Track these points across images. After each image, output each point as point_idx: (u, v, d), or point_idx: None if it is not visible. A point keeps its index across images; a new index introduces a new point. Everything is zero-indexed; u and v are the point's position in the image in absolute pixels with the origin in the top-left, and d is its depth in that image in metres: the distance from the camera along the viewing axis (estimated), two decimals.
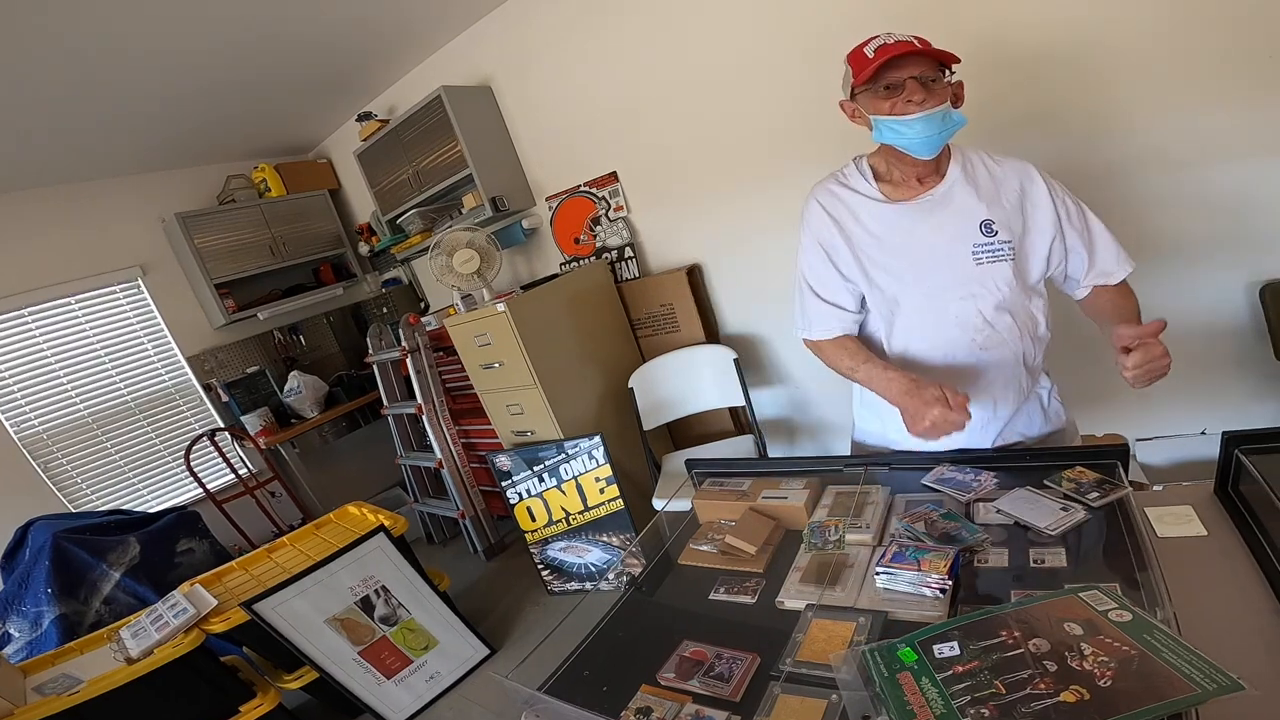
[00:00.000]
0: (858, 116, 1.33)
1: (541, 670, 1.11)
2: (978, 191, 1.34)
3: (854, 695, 0.83)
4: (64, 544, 2.62)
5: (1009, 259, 1.32)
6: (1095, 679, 0.70)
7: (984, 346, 1.37)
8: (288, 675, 2.37)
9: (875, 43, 1.24)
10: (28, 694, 1.96)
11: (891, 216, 1.37)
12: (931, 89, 1.23)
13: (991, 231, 1.32)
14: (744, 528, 1.32)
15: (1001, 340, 1.37)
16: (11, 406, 3.47)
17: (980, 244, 1.32)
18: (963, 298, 1.34)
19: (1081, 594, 0.84)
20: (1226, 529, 1.04)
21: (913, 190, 1.36)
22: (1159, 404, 2.29)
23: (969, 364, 1.38)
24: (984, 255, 1.32)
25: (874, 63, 1.21)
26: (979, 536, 1.09)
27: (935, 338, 1.39)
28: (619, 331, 3.25)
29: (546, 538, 2.89)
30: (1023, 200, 1.35)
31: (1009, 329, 1.36)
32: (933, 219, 1.34)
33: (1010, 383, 1.41)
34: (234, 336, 4.28)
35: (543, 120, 3.40)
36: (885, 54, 1.20)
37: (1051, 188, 1.36)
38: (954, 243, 1.33)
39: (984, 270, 1.33)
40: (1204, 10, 1.85)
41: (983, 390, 1.40)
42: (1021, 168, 1.37)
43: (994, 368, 1.38)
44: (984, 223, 1.32)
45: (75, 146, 3.31)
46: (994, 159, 1.39)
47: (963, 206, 1.33)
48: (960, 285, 1.34)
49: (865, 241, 1.39)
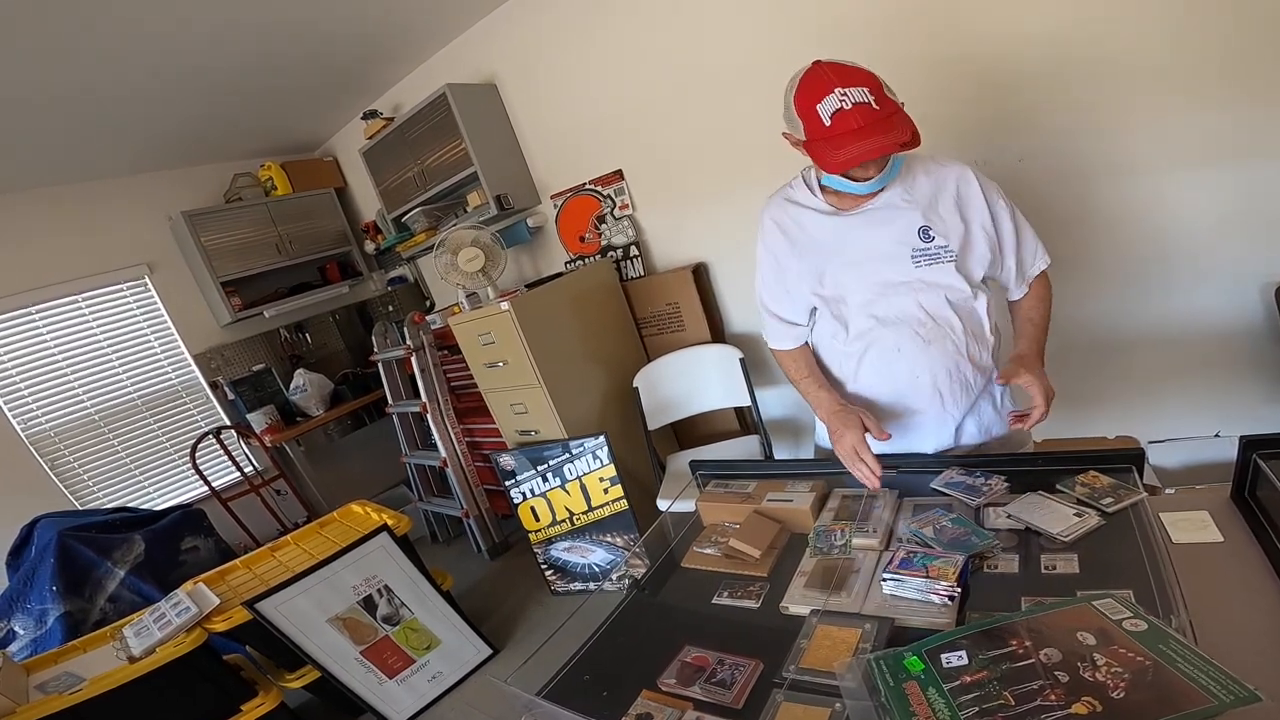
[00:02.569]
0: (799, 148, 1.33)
1: (543, 672, 1.10)
2: (916, 200, 1.39)
3: (858, 705, 0.81)
4: (69, 542, 2.63)
5: (948, 261, 1.37)
6: (1108, 690, 0.68)
7: (928, 339, 1.41)
8: (290, 674, 2.36)
9: (830, 104, 1.19)
10: (30, 692, 1.96)
11: (837, 226, 1.43)
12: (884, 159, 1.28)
13: (929, 237, 1.37)
14: (748, 531, 1.31)
15: (944, 333, 1.41)
16: (19, 404, 3.48)
17: (919, 249, 1.38)
18: (905, 298, 1.40)
19: (1095, 602, 0.82)
20: (1243, 535, 1.02)
21: (856, 201, 1.41)
22: (1171, 406, 2.26)
23: (919, 357, 1.43)
24: (922, 259, 1.38)
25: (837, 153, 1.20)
26: (990, 542, 1.07)
27: (884, 334, 1.44)
28: (624, 330, 3.24)
29: (550, 538, 2.88)
30: (959, 202, 1.40)
31: (950, 323, 1.41)
32: (873, 228, 1.40)
33: (956, 377, 1.44)
34: (240, 334, 4.29)
35: (548, 118, 3.39)
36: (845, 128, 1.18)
37: (985, 189, 1.41)
38: (895, 247, 1.38)
39: (925, 273, 1.38)
40: (1213, 10, 1.82)
41: (929, 383, 1.44)
42: (959, 171, 1.42)
43: (939, 360, 1.42)
44: (921, 229, 1.37)
45: (83, 146, 3.33)
46: (935, 163, 1.43)
47: (901, 215, 1.38)
48: (902, 284, 1.39)
49: (813, 249, 1.46)
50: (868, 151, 1.18)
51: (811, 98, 1.23)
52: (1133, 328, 2.24)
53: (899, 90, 1.26)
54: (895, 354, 1.44)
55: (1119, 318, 2.25)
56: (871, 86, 1.20)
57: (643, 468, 2.93)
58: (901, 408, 1.48)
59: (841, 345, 1.51)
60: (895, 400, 1.48)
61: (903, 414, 1.48)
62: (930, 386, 1.44)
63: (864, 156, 1.19)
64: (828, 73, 1.23)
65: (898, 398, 1.48)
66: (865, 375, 1.50)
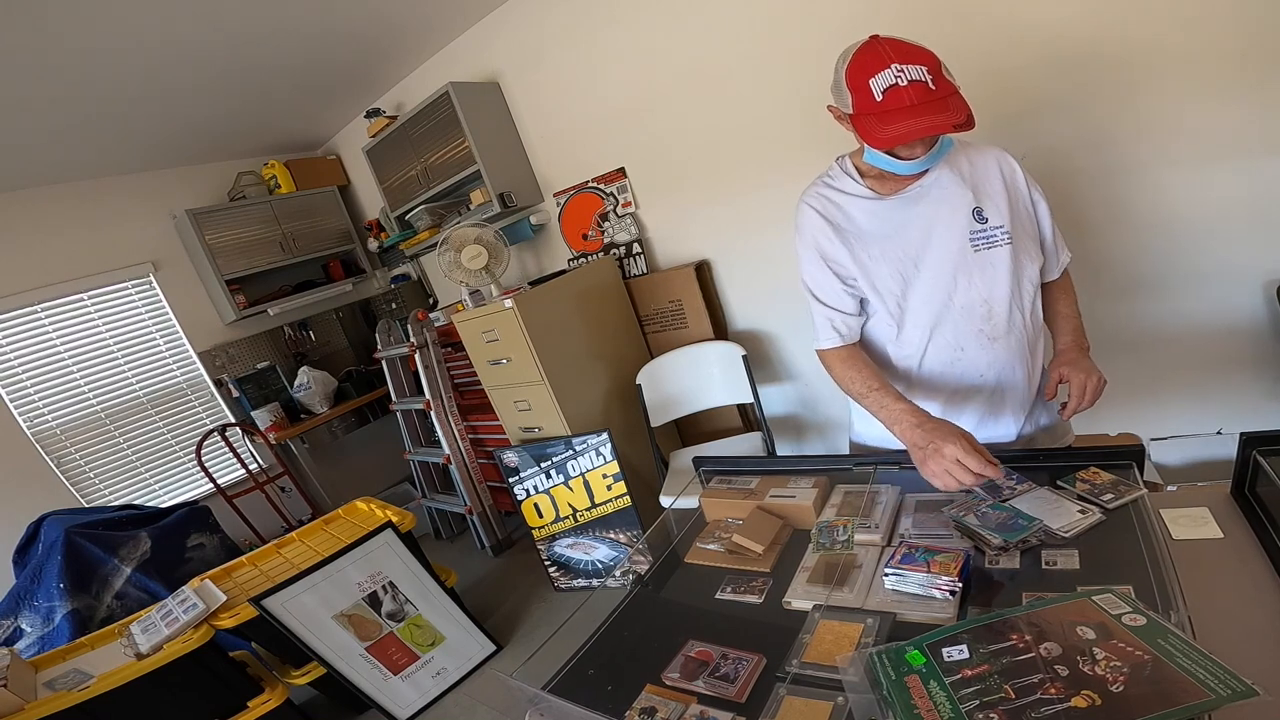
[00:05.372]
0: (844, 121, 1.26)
1: (547, 668, 1.10)
2: (964, 180, 1.32)
3: (861, 698, 0.82)
4: (76, 539, 2.64)
5: (1006, 244, 1.31)
6: (1107, 684, 0.69)
7: (993, 336, 1.35)
8: (295, 671, 2.37)
9: (884, 79, 1.13)
10: (39, 689, 1.97)
11: (884, 210, 1.35)
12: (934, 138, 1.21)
13: (983, 218, 1.31)
14: (751, 526, 1.31)
15: (1008, 329, 1.35)
16: (25, 401, 3.50)
17: (976, 231, 1.31)
18: (966, 287, 1.33)
19: (1094, 597, 0.83)
20: (1243, 532, 1.03)
21: (901, 183, 1.34)
22: (1173, 403, 2.27)
23: (981, 356, 1.36)
24: (981, 242, 1.31)
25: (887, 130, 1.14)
26: (1036, 525, 1.06)
27: (945, 331, 1.36)
28: (627, 328, 3.25)
29: (553, 534, 2.89)
30: (1005, 185, 1.34)
31: (1014, 316, 1.35)
32: (924, 208, 1.32)
33: (1020, 372, 1.39)
34: (245, 332, 4.31)
35: (551, 116, 3.39)
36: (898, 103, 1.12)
37: (1024, 172, 1.36)
38: (949, 230, 1.31)
39: (983, 257, 1.31)
40: (1221, 5, 1.82)
41: (997, 383, 1.38)
42: (998, 154, 1.37)
43: (1005, 358, 1.37)
44: (975, 210, 1.31)
45: (87, 144, 3.34)
46: (972, 147, 1.38)
47: (951, 195, 1.32)
48: (963, 274, 1.32)
49: (862, 238, 1.37)
50: (920, 129, 1.12)
51: (865, 71, 1.16)
52: (1134, 325, 2.24)
53: None
54: (958, 353, 1.36)
55: (1121, 315, 2.25)
56: (930, 65, 1.13)
57: (646, 464, 2.94)
58: (960, 411, 1.40)
59: (898, 348, 1.42)
60: (956, 405, 1.40)
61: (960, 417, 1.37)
62: (994, 387, 1.38)
63: (916, 134, 1.13)
64: (885, 48, 1.16)
65: (959, 402, 1.40)
66: (925, 382, 1.41)
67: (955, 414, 1.40)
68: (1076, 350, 1.37)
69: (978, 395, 1.40)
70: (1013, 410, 1.42)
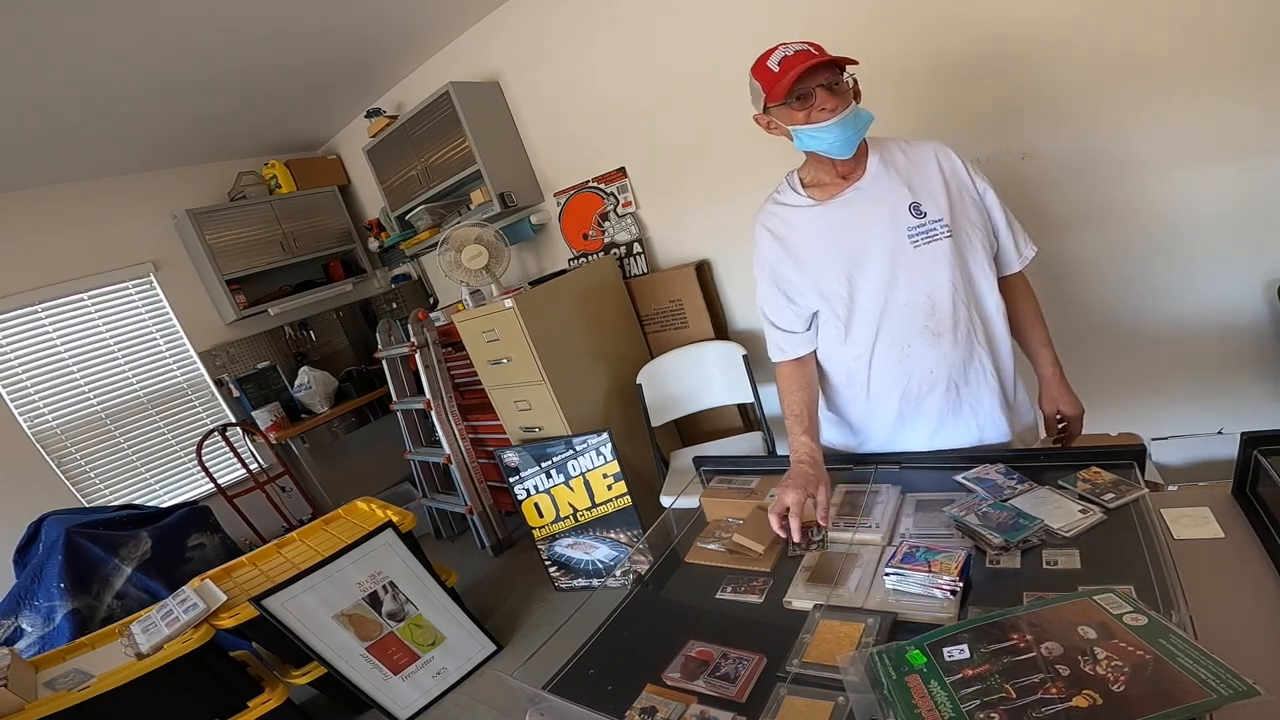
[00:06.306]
0: (774, 128, 1.36)
1: (547, 668, 1.10)
2: (899, 176, 1.37)
3: (861, 698, 0.82)
4: (76, 539, 2.64)
5: (946, 237, 1.34)
6: (1108, 684, 0.69)
7: (937, 331, 1.38)
8: (295, 671, 2.37)
9: (777, 55, 1.27)
10: (39, 689, 1.97)
11: (825, 216, 1.40)
12: (837, 92, 1.27)
13: (921, 213, 1.34)
14: (752, 526, 1.31)
15: (953, 324, 1.37)
16: (25, 401, 3.50)
17: (914, 226, 1.34)
18: (908, 284, 1.36)
19: (1095, 597, 0.83)
20: (1244, 531, 1.03)
21: (837, 187, 1.40)
22: (1174, 403, 2.27)
23: (928, 352, 1.39)
24: (920, 238, 1.34)
25: (783, 77, 1.25)
26: (1038, 525, 1.06)
27: (890, 329, 1.40)
28: (627, 328, 3.25)
29: (554, 534, 2.89)
30: (944, 177, 1.37)
31: (959, 311, 1.37)
32: (860, 210, 1.37)
33: (976, 369, 1.41)
34: (245, 332, 4.31)
35: (551, 116, 3.39)
36: (791, 66, 1.24)
37: (965, 161, 1.40)
38: (887, 229, 1.35)
39: (923, 253, 1.35)
40: (1222, 3, 1.82)
41: (950, 380, 1.41)
42: (936, 147, 1.41)
43: (953, 354, 1.39)
44: (912, 205, 1.35)
45: (87, 144, 3.34)
46: (908, 143, 1.42)
47: (887, 193, 1.36)
48: (903, 271, 1.36)
49: (806, 249, 1.43)
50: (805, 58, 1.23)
51: (762, 60, 1.30)
52: (1136, 325, 2.24)
53: (901, 82, 1.26)
54: (905, 350, 1.39)
55: (1122, 314, 2.25)
56: (816, 47, 1.26)
57: (646, 464, 2.93)
58: (918, 410, 1.43)
59: (847, 349, 1.45)
60: (912, 402, 1.43)
61: (920, 415, 1.44)
62: (948, 384, 1.40)
63: (801, 62, 1.22)
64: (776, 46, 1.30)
65: (914, 399, 1.43)
66: (878, 379, 1.44)
67: (914, 415, 1.45)
68: (1060, 383, 1.48)
69: (932, 393, 1.42)
70: (974, 409, 1.43)
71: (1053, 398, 1.49)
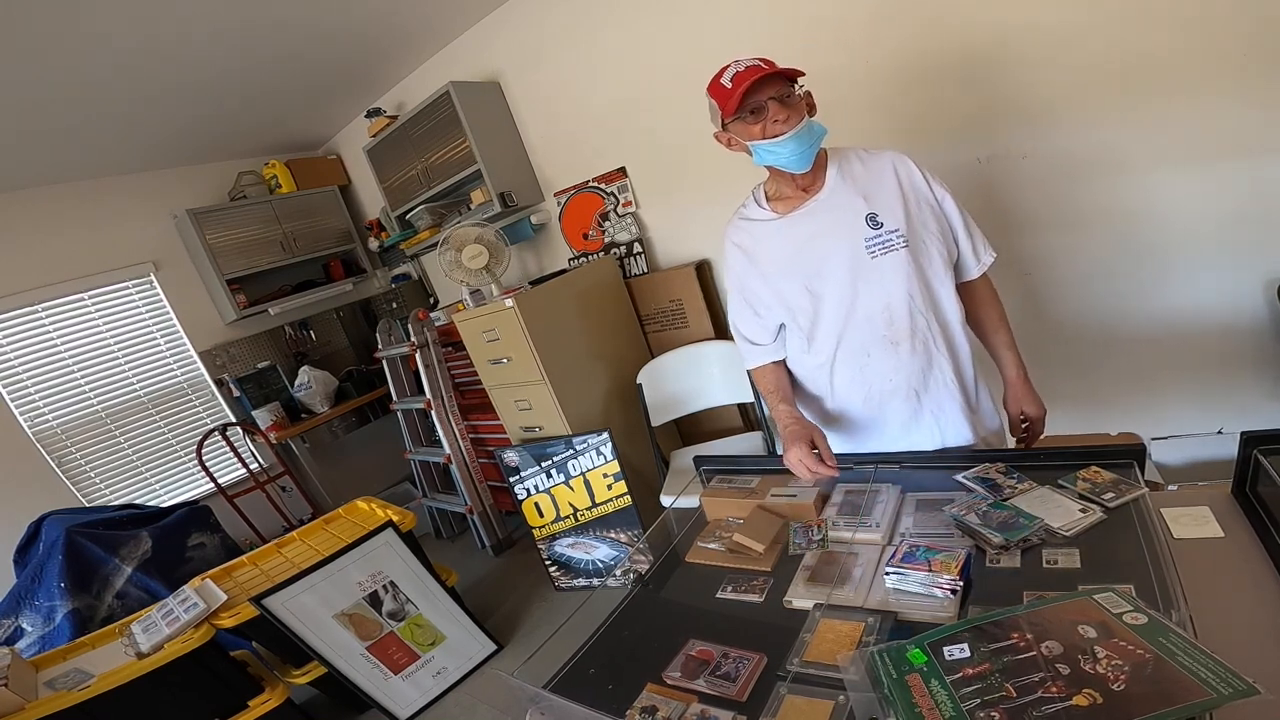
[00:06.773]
0: (734, 145, 1.40)
1: (547, 667, 1.10)
2: (856, 188, 1.39)
3: (862, 697, 0.82)
4: (77, 539, 2.64)
5: (903, 247, 1.36)
6: (1108, 683, 0.69)
7: (895, 340, 1.40)
8: (296, 670, 2.37)
9: (730, 71, 1.31)
10: (39, 688, 1.97)
11: (786, 230, 1.44)
12: (789, 104, 1.30)
13: (878, 224, 1.37)
14: (752, 526, 1.31)
15: (911, 332, 1.40)
16: (25, 401, 3.50)
17: (871, 237, 1.37)
18: (867, 294, 1.39)
19: (1095, 596, 0.83)
20: (1244, 531, 1.03)
21: (796, 200, 1.42)
22: (1174, 403, 2.27)
23: (887, 361, 1.42)
24: (877, 248, 1.37)
25: (735, 91, 1.28)
26: (1036, 524, 1.06)
27: (851, 339, 1.43)
28: (627, 327, 3.25)
29: (554, 534, 2.89)
30: (901, 186, 1.39)
31: (917, 320, 1.40)
32: (819, 222, 1.40)
33: (935, 376, 1.44)
34: (245, 332, 4.31)
35: (551, 116, 3.39)
36: (742, 81, 1.27)
37: (923, 169, 1.42)
38: (845, 240, 1.38)
39: (880, 263, 1.37)
40: (1218, 4, 1.82)
41: (909, 388, 1.43)
42: (893, 156, 1.43)
43: (910, 362, 1.42)
44: (869, 216, 1.37)
45: (87, 144, 3.34)
46: (867, 153, 1.44)
47: (845, 204, 1.39)
48: (862, 282, 1.39)
49: (771, 263, 1.46)
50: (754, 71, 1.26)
51: (716, 79, 1.35)
52: (1135, 325, 2.24)
53: (901, 82, 1.26)
54: (865, 359, 1.43)
55: (1122, 315, 2.25)
56: (766, 62, 1.29)
57: (646, 464, 2.93)
58: (881, 415, 1.47)
59: (810, 358, 1.50)
60: (874, 408, 1.47)
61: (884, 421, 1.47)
62: (908, 392, 1.43)
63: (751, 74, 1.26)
64: None
65: (876, 406, 1.47)
66: (840, 387, 1.49)
67: (877, 420, 1.48)
68: (1024, 385, 1.52)
69: (893, 400, 1.45)
70: (935, 415, 1.46)
71: (1017, 399, 1.52)
